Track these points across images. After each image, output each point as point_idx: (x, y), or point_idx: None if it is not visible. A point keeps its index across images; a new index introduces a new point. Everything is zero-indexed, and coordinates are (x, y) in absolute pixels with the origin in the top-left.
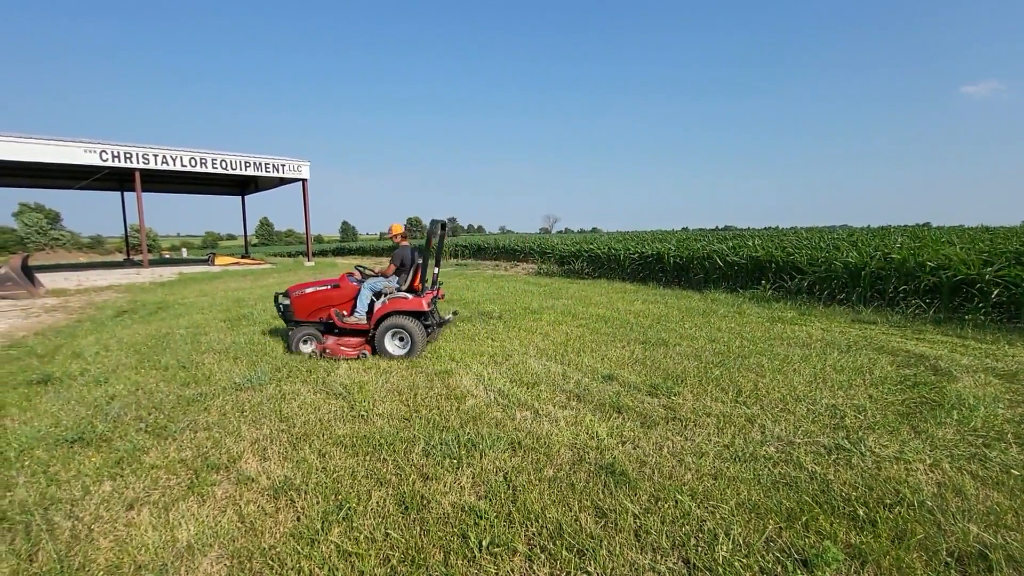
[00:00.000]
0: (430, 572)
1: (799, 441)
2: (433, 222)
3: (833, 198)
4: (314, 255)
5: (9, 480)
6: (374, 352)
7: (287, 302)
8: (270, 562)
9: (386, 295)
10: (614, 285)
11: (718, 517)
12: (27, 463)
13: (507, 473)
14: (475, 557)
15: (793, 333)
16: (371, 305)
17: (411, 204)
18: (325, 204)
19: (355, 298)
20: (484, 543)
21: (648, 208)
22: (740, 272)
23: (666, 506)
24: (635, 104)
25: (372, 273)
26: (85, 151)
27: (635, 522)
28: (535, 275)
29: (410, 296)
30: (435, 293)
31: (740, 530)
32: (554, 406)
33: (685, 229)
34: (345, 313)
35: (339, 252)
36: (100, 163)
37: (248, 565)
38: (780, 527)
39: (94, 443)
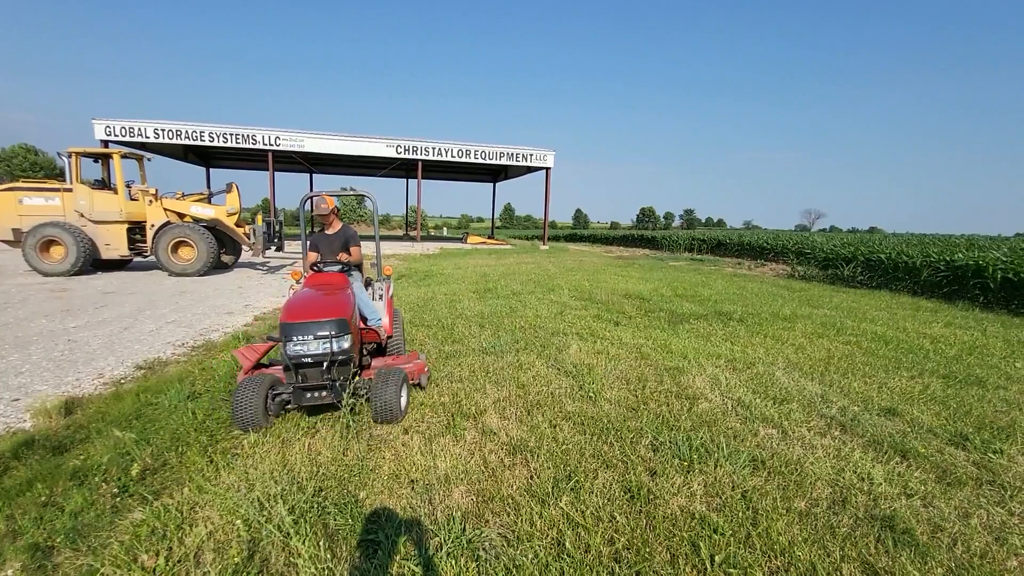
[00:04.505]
0: (656, 570)
1: None
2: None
3: None
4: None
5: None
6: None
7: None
8: (507, 508)
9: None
10: (899, 299)
11: None
12: None
13: (746, 491)
14: (706, 570)
15: None
16: None
17: (644, 194)
18: (560, 191)
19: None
20: (717, 559)
21: (958, 207)
22: None
23: None
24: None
25: (341, 263)
26: (387, 146)
27: None
28: (786, 278)
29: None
30: None
31: None
32: (808, 430)
33: (1021, 236)
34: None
35: (570, 238)
36: (395, 155)
37: (489, 505)
38: None
39: None
